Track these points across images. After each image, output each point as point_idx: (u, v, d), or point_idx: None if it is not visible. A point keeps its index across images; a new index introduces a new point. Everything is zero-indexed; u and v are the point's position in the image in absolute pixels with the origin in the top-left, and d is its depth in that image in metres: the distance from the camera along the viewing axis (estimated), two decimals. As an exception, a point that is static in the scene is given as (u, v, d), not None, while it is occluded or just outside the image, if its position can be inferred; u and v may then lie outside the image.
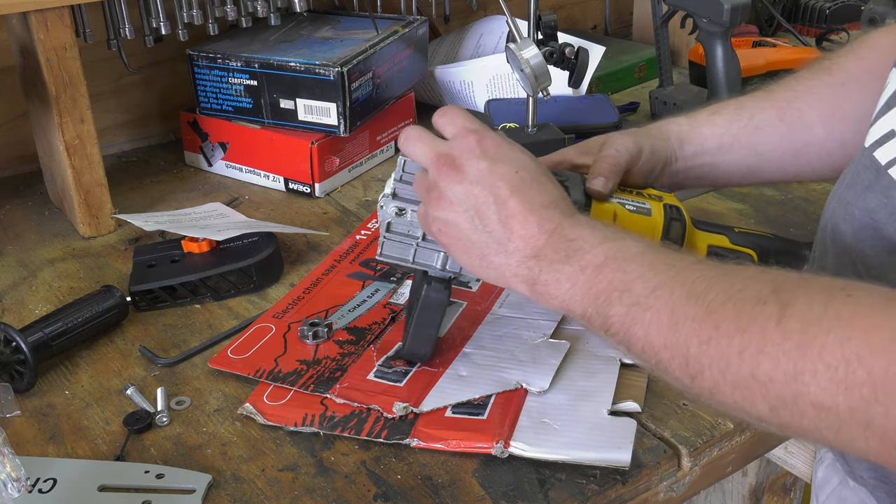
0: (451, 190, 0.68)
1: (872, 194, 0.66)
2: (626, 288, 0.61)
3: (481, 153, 0.68)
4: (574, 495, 0.70)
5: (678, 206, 0.82)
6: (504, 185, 0.67)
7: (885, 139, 0.65)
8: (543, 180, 0.69)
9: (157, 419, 0.79)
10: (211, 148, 1.28)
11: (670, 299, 0.58)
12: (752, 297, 0.54)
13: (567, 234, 0.65)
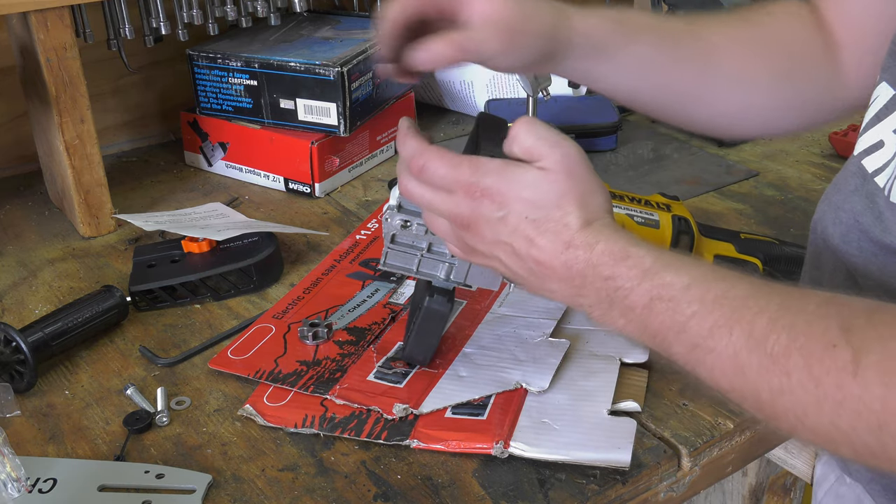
0: (479, 245, 0.66)
1: (858, 198, 0.66)
2: (681, 329, 0.58)
3: (488, 207, 0.64)
4: (574, 495, 0.70)
5: (687, 218, 0.82)
6: (521, 235, 0.64)
7: (874, 149, 0.66)
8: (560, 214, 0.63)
9: (157, 419, 0.79)
10: (211, 148, 1.28)
11: (730, 342, 0.55)
12: (820, 338, 0.51)
13: (601, 272, 0.61)
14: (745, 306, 0.55)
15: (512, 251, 0.64)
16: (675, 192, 0.94)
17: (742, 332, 0.54)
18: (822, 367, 0.50)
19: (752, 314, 0.54)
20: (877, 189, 0.65)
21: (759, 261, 0.87)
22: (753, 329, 0.54)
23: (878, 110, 0.66)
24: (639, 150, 1.33)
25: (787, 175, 1.23)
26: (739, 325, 0.54)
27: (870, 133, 0.67)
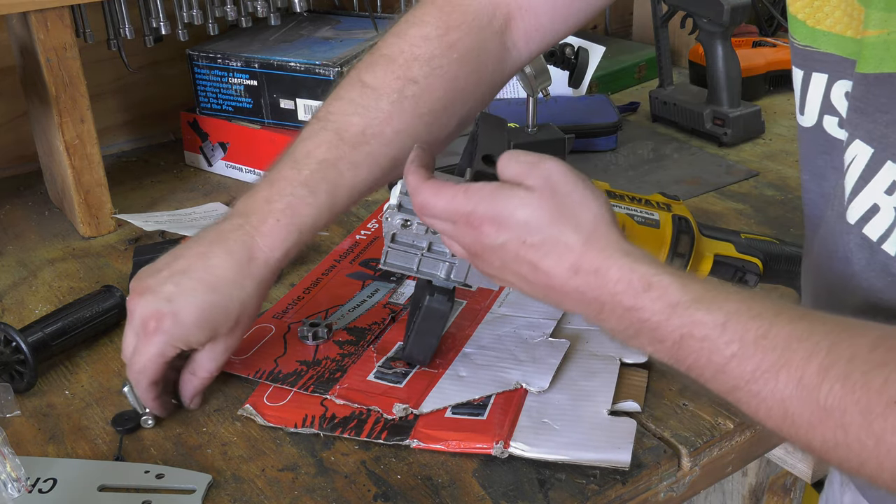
0: (492, 270, 0.65)
1: (874, 274, 0.63)
2: (718, 370, 0.54)
3: (487, 235, 0.63)
4: (574, 495, 0.70)
5: (687, 218, 0.82)
6: (523, 260, 0.62)
7: (870, 214, 0.63)
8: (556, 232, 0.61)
9: (141, 420, 0.79)
10: (211, 148, 1.28)
11: (776, 388, 0.52)
12: (879, 392, 0.48)
13: (622, 301, 0.58)
14: (791, 349, 0.52)
15: (521, 276, 0.63)
16: (675, 192, 0.94)
17: (790, 378, 0.51)
18: (884, 424, 0.48)
19: (799, 359, 0.51)
20: (890, 259, 0.61)
21: (759, 260, 0.87)
22: (803, 376, 0.50)
23: (862, 171, 0.63)
24: (639, 150, 1.33)
25: (787, 175, 1.23)
26: (787, 370, 0.51)
27: (860, 197, 0.63)
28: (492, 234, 0.63)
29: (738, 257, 0.86)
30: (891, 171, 0.61)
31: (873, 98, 0.62)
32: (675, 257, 0.80)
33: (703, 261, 0.84)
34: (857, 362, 0.49)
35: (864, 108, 0.63)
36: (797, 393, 0.51)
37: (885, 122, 0.61)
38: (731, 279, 0.87)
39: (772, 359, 0.52)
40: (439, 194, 0.65)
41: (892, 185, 0.61)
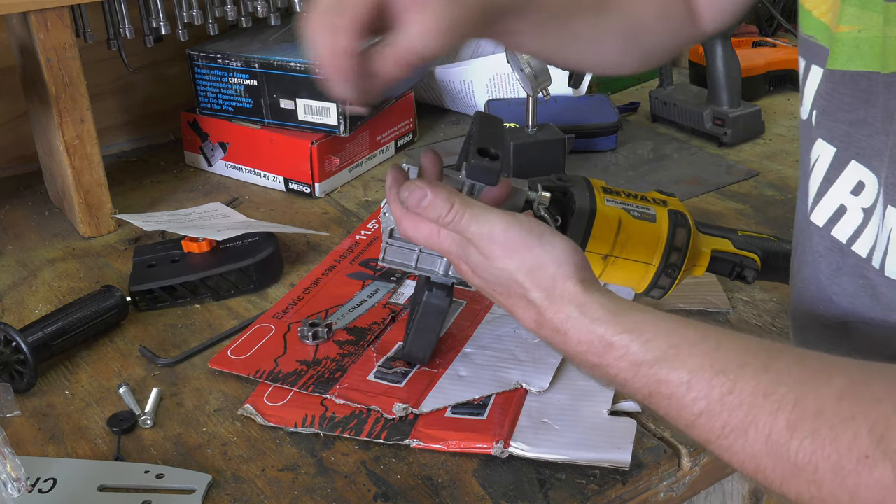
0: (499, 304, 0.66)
1: (847, 278, 0.62)
2: (689, 424, 0.55)
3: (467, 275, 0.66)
4: (574, 495, 0.70)
5: (683, 213, 0.82)
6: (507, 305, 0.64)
7: (837, 216, 0.62)
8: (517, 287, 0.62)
9: (140, 421, 0.79)
10: (211, 148, 1.28)
11: (746, 444, 0.51)
12: (848, 448, 0.48)
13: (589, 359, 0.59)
14: (757, 405, 0.51)
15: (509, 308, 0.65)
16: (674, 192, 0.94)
17: (758, 435, 0.51)
18: (857, 480, 0.47)
19: (766, 414, 0.51)
20: (861, 262, 0.61)
21: (757, 256, 0.87)
22: (771, 433, 0.50)
23: (826, 171, 0.63)
24: (639, 150, 1.33)
25: (787, 175, 1.23)
26: (754, 427, 0.51)
27: (826, 199, 0.63)
28: (468, 273, 0.65)
29: (735, 253, 0.86)
30: (856, 171, 0.60)
31: (838, 96, 0.61)
32: (672, 250, 0.80)
33: (701, 255, 0.84)
34: (825, 416, 0.49)
35: (827, 107, 0.63)
36: (767, 449, 0.50)
37: (849, 121, 0.60)
38: (729, 275, 0.87)
39: (739, 416, 0.52)
40: (418, 229, 0.66)
41: (859, 186, 0.60)
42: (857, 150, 0.60)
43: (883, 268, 0.58)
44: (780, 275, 0.90)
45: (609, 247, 0.78)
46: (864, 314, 0.61)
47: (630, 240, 0.79)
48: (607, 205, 0.79)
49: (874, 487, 0.47)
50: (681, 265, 0.81)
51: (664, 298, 0.83)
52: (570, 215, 0.77)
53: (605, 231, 0.78)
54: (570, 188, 0.78)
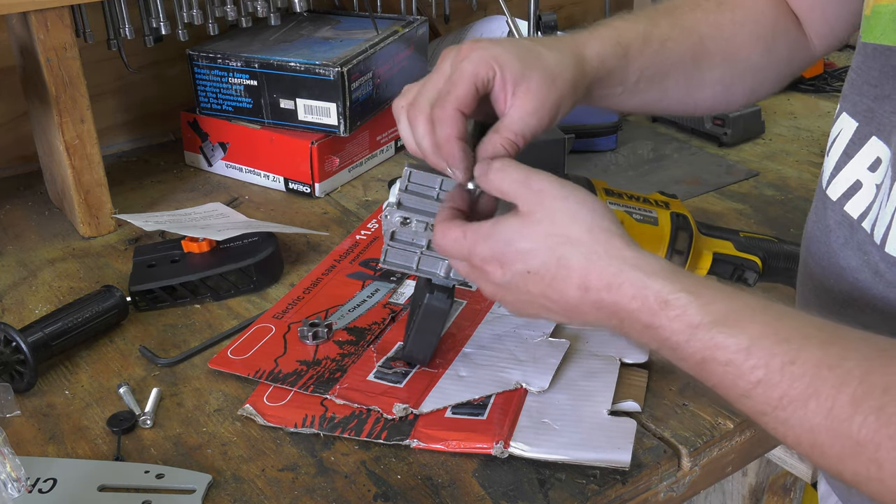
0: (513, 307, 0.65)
1: (851, 252, 0.62)
2: (743, 394, 0.52)
3: (493, 274, 0.63)
4: (574, 495, 0.70)
5: (685, 215, 0.82)
6: (534, 289, 0.61)
7: (853, 191, 0.61)
8: (557, 255, 0.59)
9: (140, 421, 0.79)
10: (211, 148, 1.28)
11: (805, 416, 0.49)
12: None
13: (639, 318, 0.56)
14: (821, 376, 0.49)
15: (541, 306, 0.62)
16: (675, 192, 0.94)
17: (819, 408, 0.49)
18: None
19: (829, 387, 0.49)
20: (867, 237, 0.60)
21: (758, 258, 0.87)
22: (834, 407, 0.48)
23: (846, 146, 0.62)
24: (639, 150, 1.33)
25: (787, 175, 1.23)
26: (816, 399, 0.49)
27: (844, 173, 0.63)
28: (496, 273, 0.62)
29: (737, 255, 0.86)
30: (875, 147, 0.60)
31: (866, 70, 0.61)
32: (673, 254, 0.80)
33: (702, 258, 0.84)
34: (892, 393, 0.47)
35: (855, 80, 0.62)
36: (827, 423, 0.48)
37: (874, 95, 0.60)
38: (731, 277, 0.87)
39: (800, 387, 0.50)
40: (446, 236, 0.65)
41: (876, 162, 0.60)
42: (878, 126, 0.59)
43: (884, 244, 0.58)
44: (782, 277, 0.91)
45: None
46: (866, 290, 0.61)
47: None
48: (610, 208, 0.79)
49: None
50: (682, 268, 0.81)
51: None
52: None
53: None
54: None
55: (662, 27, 0.79)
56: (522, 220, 0.61)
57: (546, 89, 0.67)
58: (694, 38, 0.79)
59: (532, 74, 0.66)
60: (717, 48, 0.79)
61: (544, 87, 0.66)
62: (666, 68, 0.77)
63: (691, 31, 0.79)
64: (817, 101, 1.48)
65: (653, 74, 0.77)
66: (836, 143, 0.64)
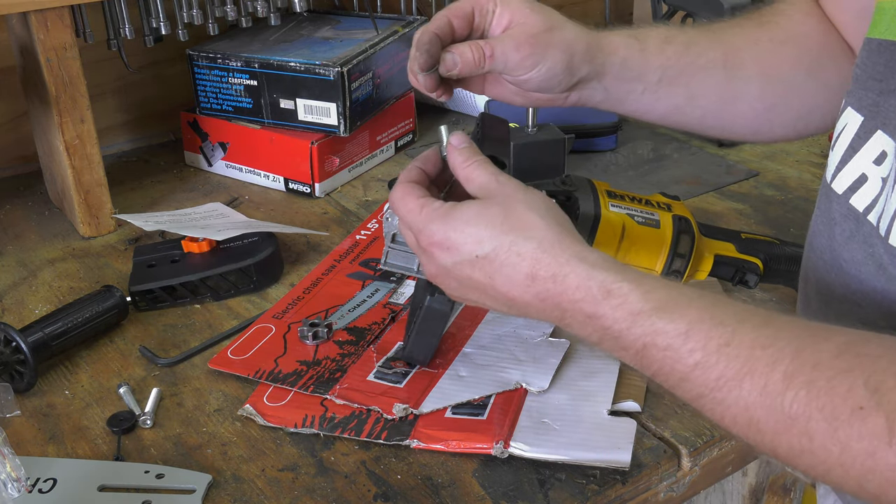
0: (450, 286, 0.66)
1: (856, 245, 0.62)
2: (682, 378, 0.54)
3: (439, 255, 0.63)
4: (574, 495, 0.70)
5: (687, 218, 0.82)
6: (479, 276, 0.62)
7: (858, 184, 0.62)
8: (508, 241, 0.60)
9: (140, 421, 0.79)
10: (211, 148, 1.28)
11: (740, 395, 0.51)
12: (844, 399, 0.47)
13: (583, 308, 0.58)
14: (754, 356, 0.51)
15: (480, 292, 0.63)
16: (675, 192, 0.94)
17: (753, 386, 0.50)
18: (849, 431, 0.47)
19: (763, 366, 0.50)
20: (872, 230, 0.60)
21: (759, 260, 0.87)
22: (767, 384, 0.50)
23: (851, 140, 0.63)
24: (639, 150, 1.33)
25: (787, 175, 1.23)
26: (750, 378, 0.51)
27: (849, 167, 0.63)
28: (443, 256, 0.63)
29: (738, 257, 0.86)
30: (880, 141, 0.60)
31: (871, 65, 0.61)
32: (675, 257, 0.80)
33: (704, 261, 0.84)
34: (821, 369, 0.49)
35: (860, 75, 0.63)
36: (762, 400, 0.50)
37: (879, 90, 0.60)
38: (732, 279, 0.87)
39: (735, 367, 0.51)
40: (404, 202, 0.66)
41: (882, 155, 0.60)
42: (884, 120, 0.60)
43: (888, 236, 0.58)
44: (783, 278, 0.90)
45: (612, 252, 0.78)
46: (870, 283, 0.61)
47: (633, 246, 0.79)
48: (611, 210, 0.79)
49: (866, 438, 0.46)
50: (683, 271, 0.81)
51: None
52: (574, 220, 0.77)
53: (608, 237, 0.78)
54: (575, 193, 0.78)
55: (689, 32, 0.79)
56: (481, 204, 0.63)
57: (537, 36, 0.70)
58: (725, 46, 0.78)
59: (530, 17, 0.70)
60: (753, 60, 0.78)
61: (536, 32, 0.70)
62: (692, 70, 0.77)
63: (722, 40, 0.79)
64: (817, 101, 1.48)
65: (676, 75, 0.77)
66: (841, 137, 0.64)
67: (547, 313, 0.61)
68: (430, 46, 0.71)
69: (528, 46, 0.71)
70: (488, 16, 0.73)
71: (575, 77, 0.74)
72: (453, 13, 0.72)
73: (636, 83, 0.76)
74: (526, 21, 0.71)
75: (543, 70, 0.72)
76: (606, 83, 0.76)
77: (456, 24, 0.73)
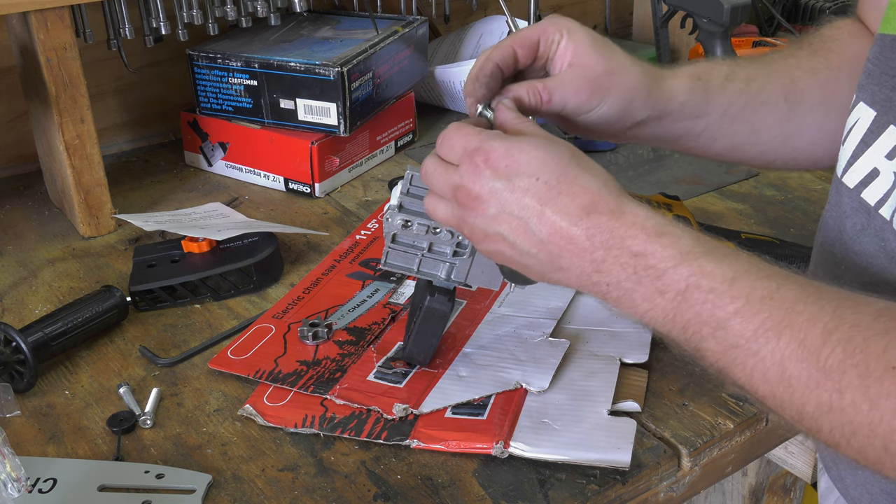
0: (480, 222, 0.62)
1: (868, 238, 0.62)
2: (719, 325, 0.54)
3: (492, 174, 0.61)
4: (574, 495, 0.70)
5: (687, 218, 0.82)
6: (531, 200, 0.59)
7: (870, 179, 0.62)
8: (574, 173, 0.60)
9: (140, 421, 0.79)
10: (211, 148, 1.28)
11: (777, 347, 0.51)
12: (879, 358, 0.48)
13: (629, 245, 0.57)
14: (796, 311, 0.52)
15: (519, 224, 0.60)
16: (675, 192, 0.94)
17: (792, 338, 0.51)
18: (880, 388, 0.47)
19: (803, 320, 0.51)
20: (884, 223, 0.60)
21: None
22: (806, 338, 0.50)
23: (864, 134, 0.63)
24: (639, 150, 1.33)
25: (787, 175, 1.23)
26: (790, 330, 0.51)
27: (861, 161, 0.63)
28: (495, 175, 0.61)
29: None
30: (893, 136, 0.60)
31: (884, 60, 0.61)
32: None
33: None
34: (860, 328, 0.49)
35: (873, 71, 0.63)
36: (798, 353, 0.51)
37: (892, 85, 0.60)
38: None
39: (777, 318, 0.52)
40: (460, 129, 0.64)
41: (894, 150, 0.60)
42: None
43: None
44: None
45: None
46: (879, 274, 0.61)
47: None
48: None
49: (894, 396, 0.47)
50: None
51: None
52: None
53: None
54: None
55: (748, 68, 0.78)
56: (549, 139, 0.62)
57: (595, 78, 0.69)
58: (785, 80, 0.78)
59: (590, 59, 0.69)
60: (813, 90, 0.77)
61: (595, 75, 0.69)
62: (754, 106, 0.76)
63: (781, 74, 0.78)
64: (817, 101, 1.48)
65: (738, 112, 0.76)
66: (852, 132, 0.64)
67: (582, 256, 0.59)
68: (491, 80, 0.70)
69: (586, 92, 0.70)
70: (553, 45, 0.72)
71: (633, 120, 0.74)
72: (518, 42, 0.71)
73: (696, 122, 0.76)
74: (587, 62, 0.70)
75: (601, 113, 0.72)
76: (665, 123, 0.76)
77: (520, 55, 0.72)
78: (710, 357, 0.56)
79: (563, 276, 0.61)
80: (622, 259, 0.58)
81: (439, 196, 0.66)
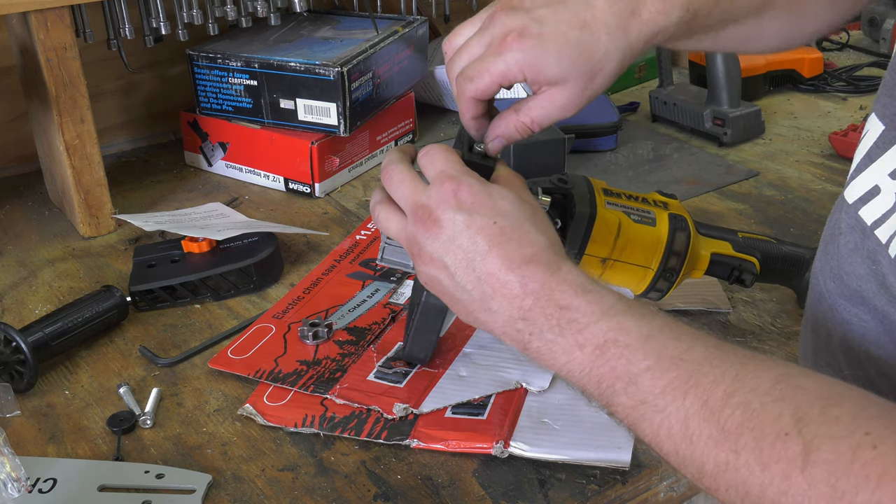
0: (430, 245, 0.63)
1: (859, 259, 0.62)
2: (631, 381, 0.56)
3: (457, 205, 0.62)
4: (574, 495, 0.70)
5: (683, 216, 0.82)
6: (482, 239, 0.61)
7: (870, 196, 0.61)
8: (527, 228, 0.63)
9: (140, 421, 0.79)
10: (211, 148, 1.28)
11: (682, 406, 0.54)
12: (772, 424, 0.50)
13: (557, 298, 0.60)
14: (701, 372, 0.54)
15: (465, 257, 0.62)
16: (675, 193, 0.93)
17: (696, 399, 0.53)
18: (771, 452, 0.49)
19: (707, 382, 0.54)
20: (878, 246, 0.60)
21: (756, 259, 0.87)
22: (709, 399, 0.53)
23: (869, 148, 0.62)
24: (639, 150, 1.33)
25: (787, 175, 1.23)
26: (695, 391, 0.54)
27: (863, 176, 0.62)
28: (466, 203, 0.62)
29: (734, 256, 0.86)
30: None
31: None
32: (671, 255, 0.80)
33: (700, 259, 0.84)
34: (758, 393, 0.52)
35: (888, 82, 0.61)
36: (701, 413, 0.53)
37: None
38: (728, 278, 0.86)
39: (683, 378, 0.54)
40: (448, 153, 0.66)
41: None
42: None
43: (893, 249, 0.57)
44: (780, 278, 0.90)
45: (608, 250, 0.78)
46: (869, 300, 0.61)
47: (629, 244, 0.79)
48: (608, 208, 0.79)
49: (783, 461, 0.49)
50: (679, 269, 0.81)
51: (662, 299, 0.83)
52: (570, 218, 0.77)
53: (604, 235, 0.78)
54: (571, 191, 0.78)
55: None
56: (519, 197, 0.65)
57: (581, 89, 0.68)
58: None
59: (569, 79, 0.66)
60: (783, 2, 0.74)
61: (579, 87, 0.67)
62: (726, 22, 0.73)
63: None
64: (817, 101, 1.48)
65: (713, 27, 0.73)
66: (861, 144, 0.63)
67: (512, 301, 0.61)
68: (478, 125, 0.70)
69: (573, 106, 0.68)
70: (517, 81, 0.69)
71: None
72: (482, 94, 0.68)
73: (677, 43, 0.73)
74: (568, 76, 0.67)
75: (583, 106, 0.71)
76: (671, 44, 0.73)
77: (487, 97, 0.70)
78: (621, 412, 0.57)
79: (490, 318, 0.63)
80: (548, 310, 0.60)
81: (394, 208, 0.67)
